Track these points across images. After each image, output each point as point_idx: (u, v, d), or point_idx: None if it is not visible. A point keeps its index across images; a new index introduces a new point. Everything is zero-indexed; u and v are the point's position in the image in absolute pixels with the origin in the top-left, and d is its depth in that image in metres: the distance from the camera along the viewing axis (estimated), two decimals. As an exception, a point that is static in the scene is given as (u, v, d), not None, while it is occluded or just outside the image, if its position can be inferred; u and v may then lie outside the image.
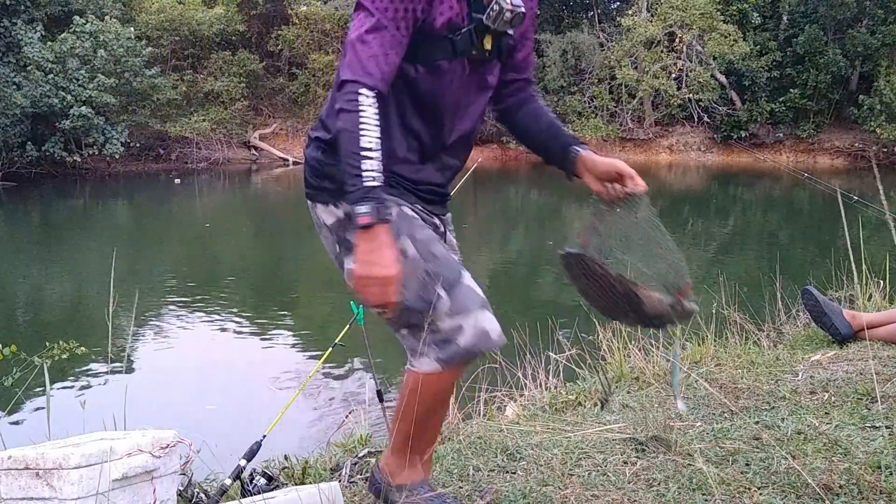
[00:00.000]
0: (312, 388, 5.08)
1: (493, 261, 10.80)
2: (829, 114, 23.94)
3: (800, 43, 23.08)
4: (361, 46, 1.38)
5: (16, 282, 9.42)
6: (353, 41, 1.40)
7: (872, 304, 3.89)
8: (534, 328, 4.00)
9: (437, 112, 1.53)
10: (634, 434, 2.20)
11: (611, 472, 1.99)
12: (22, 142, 18.72)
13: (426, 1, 1.40)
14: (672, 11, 23.41)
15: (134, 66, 20.02)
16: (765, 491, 1.84)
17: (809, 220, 14.05)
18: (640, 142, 25.28)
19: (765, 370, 2.78)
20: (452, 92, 1.52)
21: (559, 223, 15.38)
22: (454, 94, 1.53)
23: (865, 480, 1.80)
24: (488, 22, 1.45)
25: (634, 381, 2.81)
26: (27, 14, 19.43)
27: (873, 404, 2.33)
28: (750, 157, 22.79)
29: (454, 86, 1.51)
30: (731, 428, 2.23)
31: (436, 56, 1.45)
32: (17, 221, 15.22)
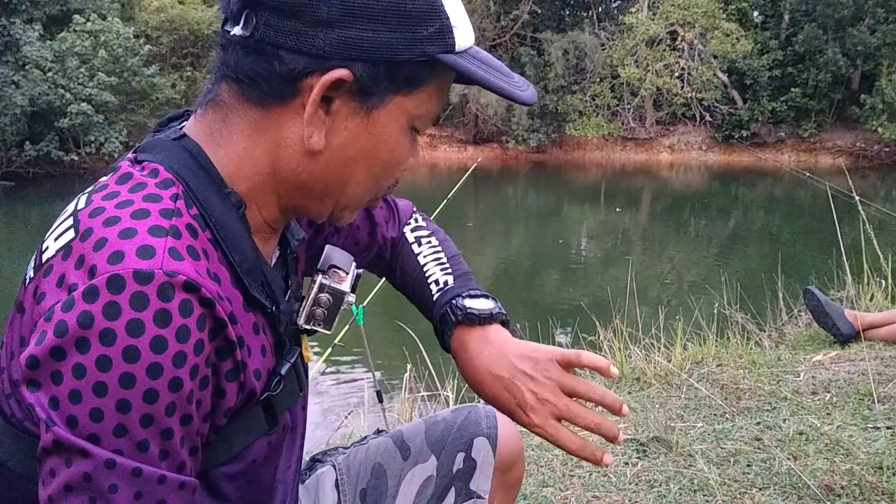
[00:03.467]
0: (312, 388, 5.08)
1: (493, 261, 10.79)
2: (831, 113, 23.92)
3: (799, 42, 23.07)
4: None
5: (15, 282, 9.41)
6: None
7: (874, 304, 3.88)
8: (534, 328, 3.99)
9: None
10: (635, 435, 2.20)
11: (612, 474, 1.99)
12: (20, 141, 18.73)
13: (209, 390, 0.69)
14: (674, 10, 23.40)
15: (133, 66, 20.02)
16: (766, 492, 1.83)
17: (811, 219, 14.03)
18: (642, 141, 25.26)
19: (766, 370, 2.77)
20: (271, 475, 0.86)
21: (559, 223, 15.37)
22: (274, 475, 0.87)
23: (867, 481, 1.79)
24: (311, 325, 0.85)
25: (635, 382, 2.80)
26: (26, 13, 19.43)
27: (875, 405, 2.32)
28: (751, 157, 22.77)
29: (273, 463, 0.86)
30: (732, 429, 2.22)
31: (241, 446, 0.78)
32: (15, 221, 15.22)
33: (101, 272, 0.62)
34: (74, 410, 0.61)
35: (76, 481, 0.62)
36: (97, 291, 0.61)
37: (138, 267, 0.62)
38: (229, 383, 0.71)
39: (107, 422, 0.62)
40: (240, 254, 0.73)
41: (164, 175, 0.71)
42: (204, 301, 0.65)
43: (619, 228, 14.06)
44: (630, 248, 11.90)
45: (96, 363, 0.61)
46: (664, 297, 7.63)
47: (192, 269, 0.64)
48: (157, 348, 0.62)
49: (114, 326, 0.61)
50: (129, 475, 0.63)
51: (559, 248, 12.14)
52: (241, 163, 0.74)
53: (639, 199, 18.03)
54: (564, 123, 24.43)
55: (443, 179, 18.38)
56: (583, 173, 23.31)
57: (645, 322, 3.58)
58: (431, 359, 3.27)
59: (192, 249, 0.67)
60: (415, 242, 1.09)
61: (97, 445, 0.62)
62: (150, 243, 0.64)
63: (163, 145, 0.75)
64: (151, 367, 0.62)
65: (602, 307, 4.76)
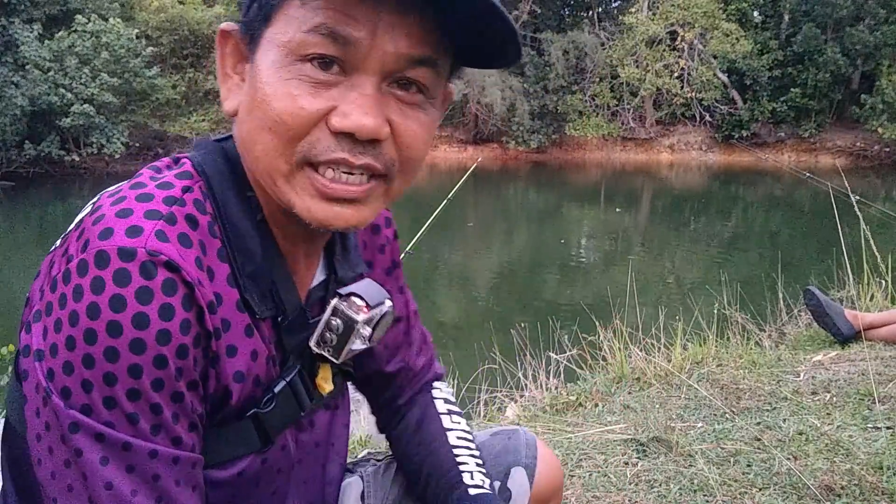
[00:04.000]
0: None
1: (493, 261, 10.80)
2: (831, 113, 23.92)
3: (799, 42, 23.06)
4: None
5: (15, 282, 9.42)
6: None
7: (874, 304, 3.88)
8: (534, 328, 3.99)
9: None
10: (635, 435, 2.19)
11: (612, 473, 1.99)
12: (20, 141, 18.72)
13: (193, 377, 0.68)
14: (674, 10, 23.40)
15: (134, 67, 20.02)
16: (766, 492, 1.83)
17: (811, 219, 14.03)
18: (642, 141, 25.26)
19: (766, 371, 2.77)
20: (266, 497, 0.83)
21: (559, 223, 15.37)
22: (270, 499, 0.84)
23: (867, 481, 1.79)
24: (323, 350, 0.80)
25: (636, 382, 2.80)
26: (26, 13, 19.43)
27: (875, 405, 2.32)
28: (751, 157, 22.76)
29: (269, 486, 0.82)
30: (732, 429, 2.22)
31: (229, 456, 0.76)
32: (15, 221, 15.22)
33: (92, 247, 0.64)
34: (68, 381, 0.63)
35: (70, 458, 0.63)
36: (86, 265, 0.63)
37: (122, 244, 0.63)
38: (211, 370, 0.70)
39: (96, 393, 0.63)
40: (245, 254, 0.72)
41: (186, 168, 0.73)
42: (188, 284, 0.65)
43: (619, 228, 14.06)
44: (630, 248, 11.90)
45: (84, 336, 0.62)
46: (664, 297, 7.63)
47: (175, 251, 0.65)
48: (139, 325, 0.62)
49: (98, 301, 0.62)
50: (119, 448, 0.63)
51: (559, 248, 12.14)
52: (247, 163, 0.75)
53: (639, 199, 18.03)
54: (564, 123, 24.43)
55: (443, 179, 18.37)
56: (583, 173, 23.30)
57: (645, 322, 3.58)
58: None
59: (185, 237, 0.67)
60: (445, 414, 0.99)
61: (89, 417, 0.63)
62: (139, 224, 0.65)
63: (206, 144, 0.77)
64: (134, 343, 0.62)
65: (602, 307, 4.76)
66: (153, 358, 0.63)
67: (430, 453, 0.95)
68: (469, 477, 0.92)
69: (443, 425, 0.98)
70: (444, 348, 4.70)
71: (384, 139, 0.68)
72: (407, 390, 1.01)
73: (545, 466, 1.04)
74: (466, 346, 5.25)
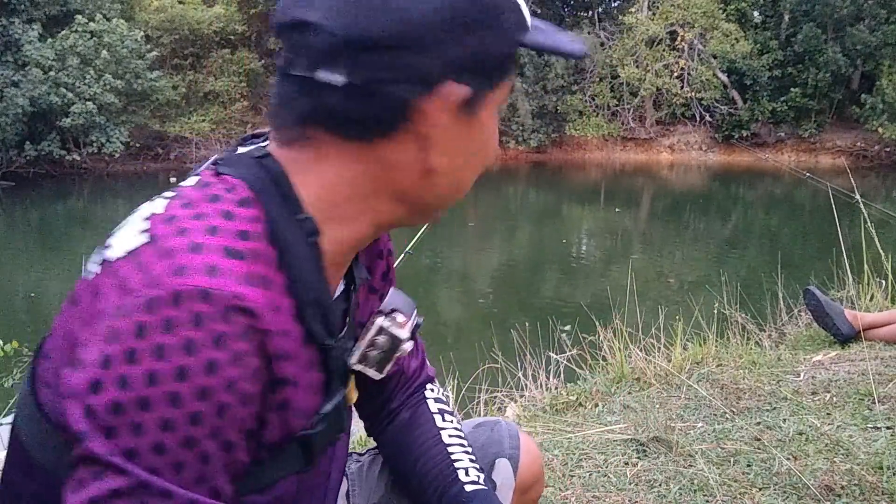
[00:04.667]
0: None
1: (493, 261, 10.80)
2: (831, 113, 23.91)
3: (799, 42, 23.06)
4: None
5: (15, 281, 9.42)
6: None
7: (874, 304, 3.88)
8: (534, 328, 3.99)
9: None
10: (635, 435, 2.19)
11: (612, 474, 1.99)
12: (20, 141, 18.72)
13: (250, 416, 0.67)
14: (674, 10, 23.40)
15: (136, 69, 20.01)
16: (766, 492, 1.83)
17: (811, 219, 14.04)
18: (642, 141, 25.26)
19: (766, 370, 2.77)
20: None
21: (559, 223, 15.37)
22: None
23: (867, 481, 1.79)
24: (362, 367, 0.82)
25: (636, 382, 2.80)
26: (26, 13, 19.43)
27: (875, 405, 2.32)
28: (751, 157, 22.76)
29: (305, 500, 0.84)
30: (732, 429, 2.22)
31: (271, 479, 0.75)
32: (15, 221, 15.22)
33: (165, 285, 0.59)
34: (114, 422, 0.59)
35: (103, 497, 0.59)
36: (157, 303, 0.59)
37: (202, 285, 0.60)
38: (275, 416, 0.68)
39: (147, 438, 0.59)
40: (305, 284, 0.69)
41: (243, 193, 0.68)
42: (263, 332, 0.62)
43: (619, 228, 14.06)
44: (630, 248, 11.90)
45: (145, 377, 0.58)
46: (664, 297, 7.63)
47: (258, 297, 0.62)
48: (209, 371, 0.59)
49: (168, 342, 0.58)
50: (159, 496, 0.60)
51: (560, 248, 12.14)
52: (333, 187, 0.70)
53: (639, 199, 18.03)
54: (564, 123, 24.42)
55: (443, 179, 18.32)
56: (583, 173, 23.30)
57: (645, 322, 3.58)
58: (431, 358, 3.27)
59: (261, 276, 0.64)
60: (437, 414, 1.00)
61: (132, 462, 0.59)
62: (217, 263, 0.61)
63: (245, 161, 0.71)
64: (201, 390, 0.59)
65: (602, 307, 4.76)
66: (217, 406, 0.60)
67: (424, 452, 0.96)
68: (464, 473, 0.93)
69: (436, 424, 0.98)
70: (444, 348, 4.70)
71: None
72: (399, 394, 1.01)
73: (527, 456, 1.06)
74: (466, 346, 5.25)
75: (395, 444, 1.00)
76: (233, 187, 0.69)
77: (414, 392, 1.02)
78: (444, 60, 0.66)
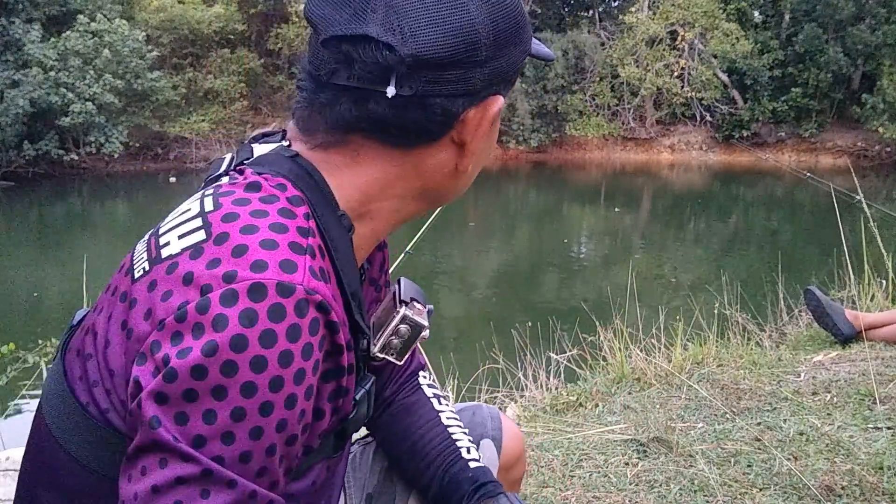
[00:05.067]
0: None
1: (493, 261, 10.80)
2: (832, 113, 23.90)
3: (799, 41, 23.06)
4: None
5: (14, 281, 9.42)
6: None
7: (875, 304, 3.88)
8: (534, 328, 3.99)
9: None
10: (636, 435, 2.19)
11: (612, 474, 1.98)
12: (19, 141, 18.73)
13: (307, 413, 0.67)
14: (674, 9, 23.39)
15: (137, 68, 20.01)
16: (766, 492, 1.83)
17: (811, 219, 14.03)
18: (642, 141, 25.25)
19: (767, 371, 2.77)
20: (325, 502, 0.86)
21: (559, 223, 15.37)
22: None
23: (867, 481, 1.79)
24: (384, 354, 0.84)
25: (636, 382, 2.80)
26: (26, 13, 19.43)
27: (876, 405, 2.32)
28: (752, 157, 22.76)
29: (329, 490, 0.86)
30: (732, 429, 2.22)
31: (306, 465, 0.78)
32: (15, 221, 15.22)
33: (242, 278, 0.61)
34: (186, 408, 0.60)
35: (167, 484, 0.60)
36: (237, 296, 0.61)
37: (281, 279, 0.62)
38: (329, 406, 0.70)
39: (218, 427, 0.60)
40: (348, 277, 0.73)
41: (293, 192, 0.71)
42: (330, 324, 0.65)
43: (620, 228, 14.06)
44: (630, 248, 11.90)
45: (221, 368, 0.59)
46: (664, 297, 7.63)
47: (328, 291, 0.65)
48: (283, 362, 0.61)
49: (247, 334, 0.60)
50: (223, 485, 0.61)
51: (560, 248, 12.13)
52: (366, 187, 0.74)
53: (639, 198, 18.03)
54: (564, 123, 24.41)
55: (443, 179, 18.31)
56: (583, 173, 23.30)
57: (645, 322, 3.58)
58: (432, 357, 3.27)
59: (325, 272, 0.68)
60: (433, 398, 1.04)
61: (200, 450, 0.60)
62: (291, 258, 0.64)
63: (280, 161, 0.74)
64: (274, 381, 0.61)
65: (602, 307, 4.76)
66: (286, 397, 0.62)
67: (425, 433, 1.00)
68: (466, 451, 0.98)
69: (434, 408, 1.03)
70: (445, 348, 4.70)
71: None
72: (392, 382, 1.04)
73: (509, 436, 1.12)
74: (467, 346, 5.24)
75: (394, 429, 1.02)
76: (281, 185, 0.71)
77: (408, 379, 1.06)
78: (490, 74, 0.71)
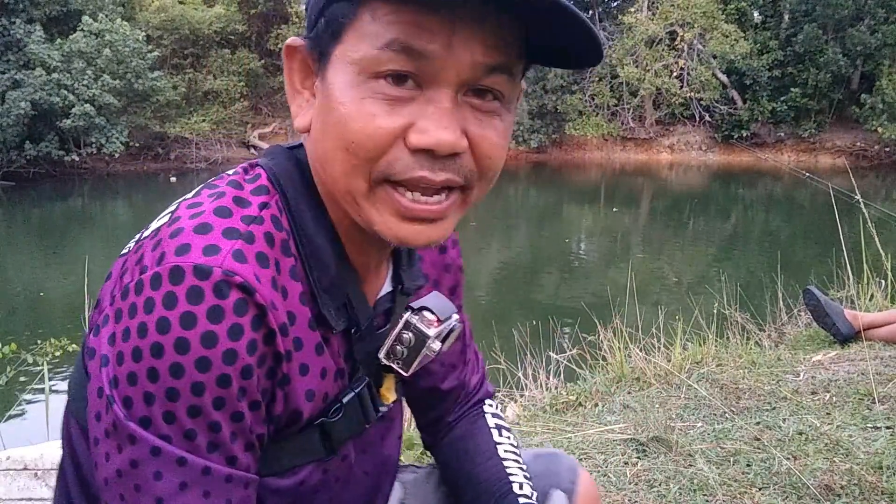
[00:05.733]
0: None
1: (493, 261, 10.80)
2: (831, 113, 23.91)
3: (799, 42, 23.06)
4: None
5: (14, 281, 9.42)
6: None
7: (874, 304, 3.88)
8: (535, 328, 3.99)
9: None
10: (635, 435, 2.20)
11: (612, 473, 1.99)
12: (20, 141, 18.73)
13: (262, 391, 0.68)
14: (673, 10, 23.40)
15: (137, 68, 20.01)
16: (766, 491, 1.83)
17: (811, 219, 14.04)
18: (641, 141, 25.26)
19: (766, 370, 2.77)
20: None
21: (559, 223, 15.37)
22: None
23: (867, 481, 1.79)
24: (392, 362, 0.81)
25: (635, 382, 2.81)
26: (26, 14, 19.43)
27: (875, 405, 2.32)
28: (751, 157, 22.76)
29: (327, 494, 0.83)
30: (732, 428, 2.22)
31: (291, 464, 0.76)
32: (15, 220, 15.22)
33: (167, 261, 0.63)
34: (130, 392, 0.63)
35: (125, 468, 0.63)
36: (160, 279, 0.62)
37: (198, 262, 0.62)
38: (278, 391, 0.70)
39: (157, 406, 0.62)
40: (321, 269, 0.71)
41: (263, 182, 0.71)
42: (260, 306, 0.64)
43: (619, 228, 14.06)
44: (630, 248, 11.90)
45: (151, 349, 0.62)
46: (664, 297, 7.63)
47: (251, 273, 0.64)
48: (207, 343, 0.62)
49: (169, 316, 0.62)
50: (173, 463, 0.63)
51: (560, 248, 12.14)
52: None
53: (639, 199, 18.03)
54: (564, 123, 24.42)
55: (443, 179, 18.31)
56: (583, 173, 23.31)
57: (645, 322, 3.59)
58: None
59: (263, 256, 0.66)
60: (495, 429, 1.01)
61: (146, 430, 0.62)
62: (217, 242, 0.64)
63: (279, 152, 0.75)
64: (200, 361, 0.62)
65: (602, 307, 4.76)
66: (217, 377, 0.63)
67: (479, 464, 0.97)
68: (518, 487, 0.94)
69: (493, 438, 1.00)
70: (444, 348, 4.68)
71: (463, 152, 0.67)
72: (458, 408, 1.02)
73: (585, 493, 1.03)
74: (466, 345, 5.24)
75: (452, 455, 1.00)
76: (256, 176, 0.72)
77: (473, 406, 1.03)
78: (307, 13, 0.67)
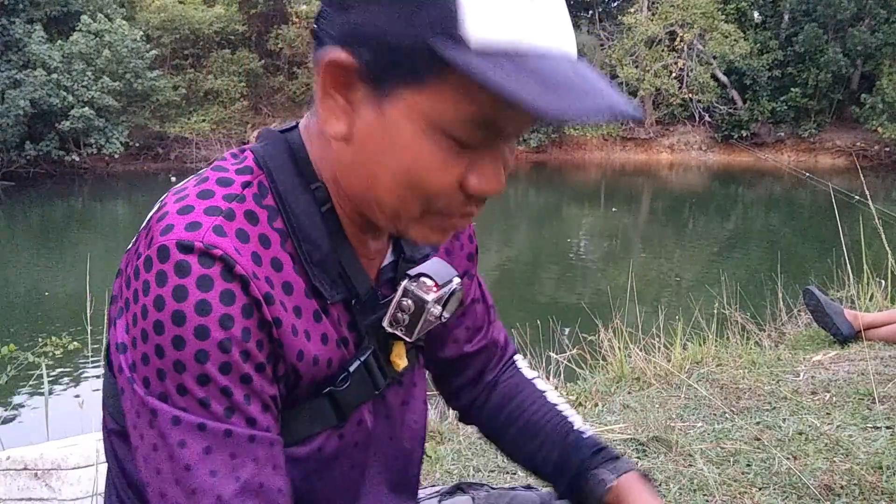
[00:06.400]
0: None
1: (493, 260, 10.80)
2: (831, 113, 23.92)
3: (799, 42, 23.07)
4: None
5: (14, 281, 9.42)
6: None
7: (874, 303, 3.88)
8: (535, 328, 3.99)
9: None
10: (635, 434, 2.20)
11: (611, 473, 1.98)
12: (20, 141, 18.73)
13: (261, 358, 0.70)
14: (673, 10, 23.41)
15: (136, 68, 20.01)
16: (765, 491, 1.83)
17: (811, 219, 14.05)
18: (641, 141, 25.27)
19: (766, 370, 2.77)
20: (345, 471, 0.85)
21: (559, 223, 15.37)
22: (349, 472, 0.86)
23: (867, 481, 1.79)
24: (396, 330, 0.82)
25: (635, 382, 2.80)
26: (26, 14, 19.43)
27: (875, 405, 2.32)
28: (751, 157, 22.77)
29: (348, 460, 0.84)
30: (731, 428, 2.22)
31: (306, 433, 0.78)
32: (16, 220, 15.22)
33: (155, 243, 0.66)
34: (146, 372, 0.67)
35: (157, 442, 0.67)
36: (151, 260, 0.66)
37: (180, 238, 0.65)
38: (280, 353, 0.72)
39: (169, 381, 0.66)
40: (310, 244, 0.74)
41: (248, 163, 0.74)
42: (241, 276, 0.67)
43: (619, 228, 14.07)
44: (630, 248, 11.91)
45: (153, 327, 0.65)
46: (664, 296, 7.63)
47: (231, 246, 0.67)
48: (201, 311, 0.65)
49: (163, 293, 0.65)
50: (194, 430, 0.66)
51: (560, 248, 12.14)
52: (315, 156, 0.75)
53: (639, 199, 18.04)
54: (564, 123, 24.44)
55: (443, 179, 18.31)
56: (583, 173, 23.31)
57: (645, 322, 3.59)
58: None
59: (242, 232, 0.69)
60: (535, 379, 1.05)
61: (166, 403, 0.66)
62: (198, 220, 0.67)
63: (271, 136, 0.78)
64: (198, 329, 0.65)
65: (602, 307, 4.76)
66: (218, 342, 0.66)
67: (535, 410, 1.01)
68: (580, 423, 0.99)
69: (538, 388, 1.04)
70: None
71: None
72: (493, 366, 1.05)
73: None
74: (466, 345, 5.23)
75: (503, 410, 1.03)
76: (243, 159, 0.75)
77: (507, 363, 1.07)
78: (346, 24, 0.65)
